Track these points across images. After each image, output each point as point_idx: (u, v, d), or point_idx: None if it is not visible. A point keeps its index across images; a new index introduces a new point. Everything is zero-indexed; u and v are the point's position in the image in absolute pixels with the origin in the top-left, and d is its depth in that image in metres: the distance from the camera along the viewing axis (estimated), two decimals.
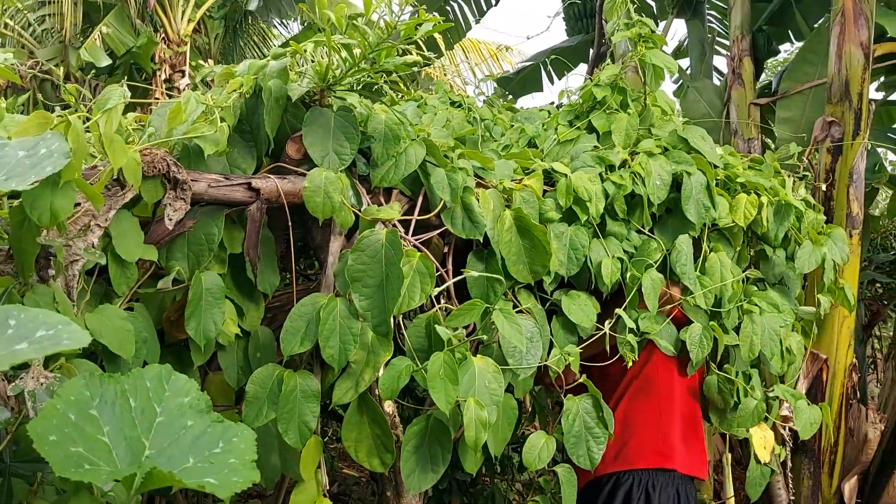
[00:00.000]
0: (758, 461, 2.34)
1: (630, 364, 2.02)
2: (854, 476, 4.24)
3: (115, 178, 1.52)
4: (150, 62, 7.66)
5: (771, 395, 2.35)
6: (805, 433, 2.34)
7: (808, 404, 2.36)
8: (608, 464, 2.21)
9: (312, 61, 1.90)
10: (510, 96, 7.27)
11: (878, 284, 5.94)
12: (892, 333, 5.79)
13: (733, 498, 4.50)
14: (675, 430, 2.26)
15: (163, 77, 7.91)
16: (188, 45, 7.91)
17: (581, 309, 2.04)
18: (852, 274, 4.09)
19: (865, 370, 5.69)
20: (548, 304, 2.04)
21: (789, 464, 4.19)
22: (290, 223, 1.78)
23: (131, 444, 1.03)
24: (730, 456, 4.84)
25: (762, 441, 2.27)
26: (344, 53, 1.81)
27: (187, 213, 1.67)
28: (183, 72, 7.95)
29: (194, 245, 1.72)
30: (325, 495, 1.76)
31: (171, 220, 1.58)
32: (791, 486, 4.15)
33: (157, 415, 1.08)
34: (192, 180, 1.62)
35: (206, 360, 1.78)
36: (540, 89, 7.45)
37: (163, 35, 7.81)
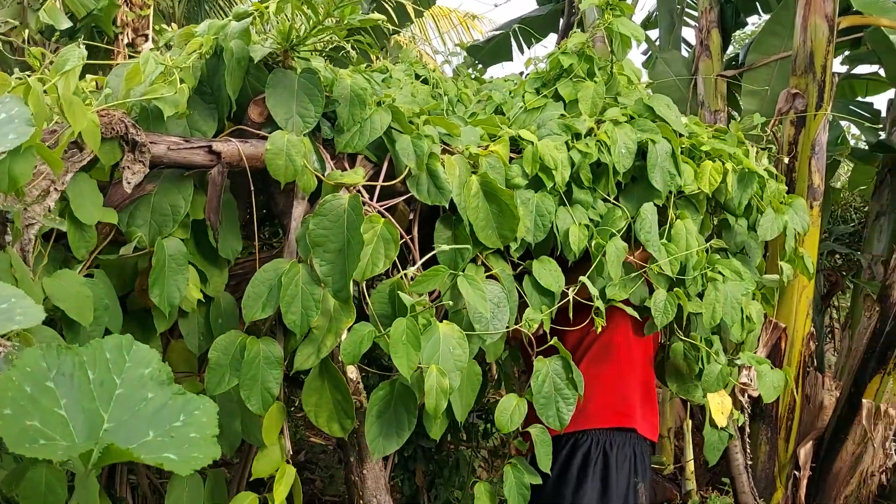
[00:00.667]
0: (714, 426, 2.39)
1: (599, 329, 2.05)
2: (809, 441, 4.36)
3: (73, 140, 1.48)
4: (112, 25, 7.44)
5: (738, 362, 2.40)
6: (768, 397, 2.39)
7: (771, 368, 2.40)
8: (568, 424, 2.25)
9: (276, 22, 1.86)
10: (479, 65, 7.22)
11: (837, 256, 6.06)
12: (849, 304, 5.93)
13: (692, 461, 4.61)
14: (634, 393, 2.33)
15: (125, 41, 7.71)
16: (151, 7, 7.71)
17: (551, 275, 2.06)
18: (812, 244, 4.17)
19: (823, 339, 5.83)
20: (518, 269, 2.05)
21: (747, 429, 4.30)
22: (251, 187, 1.75)
23: (89, 416, 1.01)
24: (690, 422, 4.95)
25: (719, 406, 2.32)
26: (308, 10, 1.77)
27: (149, 177, 1.64)
28: (146, 35, 7.74)
29: (158, 214, 1.68)
30: (288, 461, 1.76)
31: (129, 183, 1.54)
32: (749, 450, 4.27)
33: (117, 386, 1.06)
34: (150, 143, 1.58)
35: (169, 328, 1.76)
36: (510, 58, 7.40)
37: None
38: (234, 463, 3.85)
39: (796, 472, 4.33)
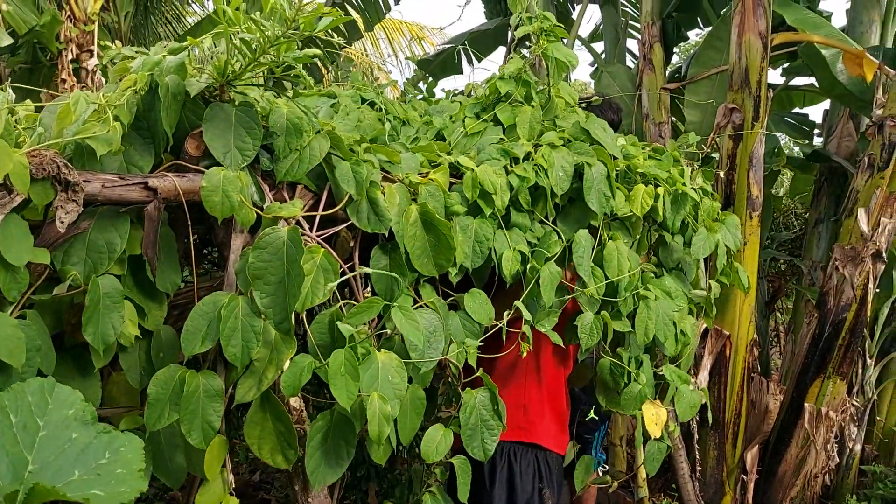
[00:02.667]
0: (647, 437, 2.47)
1: (524, 354, 2.10)
2: (756, 445, 4.48)
3: (1, 182, 1.47)
4: (56, 41, 7.31)
5: (660, 374, 2.48)
6: (684, 416, 2.48)
7: (691, 388, 2.49)
8: None
9: (212, 57, 1.87)
10: (430, 78, 7.28)
11: (780, 261, 6.24)
12: (792, 308, 6.10)
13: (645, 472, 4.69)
14: (535, 407, 2.49)
15: (69, 56, 7.57)
16: (96, 23, 7.58)
17: (481, 307, 2.10)
18: (752, 254, 4.30)
19: (768, 344, 5.99)
20: (449, 299, 2.09)
21: (695, 435, 4.41)
22: (189, 222, 1.76)
23: (13, 459, 1.02)
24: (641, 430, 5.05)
25: (653, 417, 2.39)
26: (243, 48, 1.79)
27: (84, 214, 1.64)
28: (91, 51, 7.61)
29: (93, 251, 1.67)
30: (231, 493, 1.77)
31: (63, 222, 1.54)
32: (698, 456, 4.37)
33: (41, 429, 1.07)
34: (84, 181, 1.58)
35: (109, 361, 1.76)
36: (460, 72, 7.48)
37: (68, 13, 7.46)
38: (178, 501, 3.81)
39: (744, 476, 4.45)
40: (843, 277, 4.15)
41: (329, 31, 1.84)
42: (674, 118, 5.54)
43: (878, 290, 4.29)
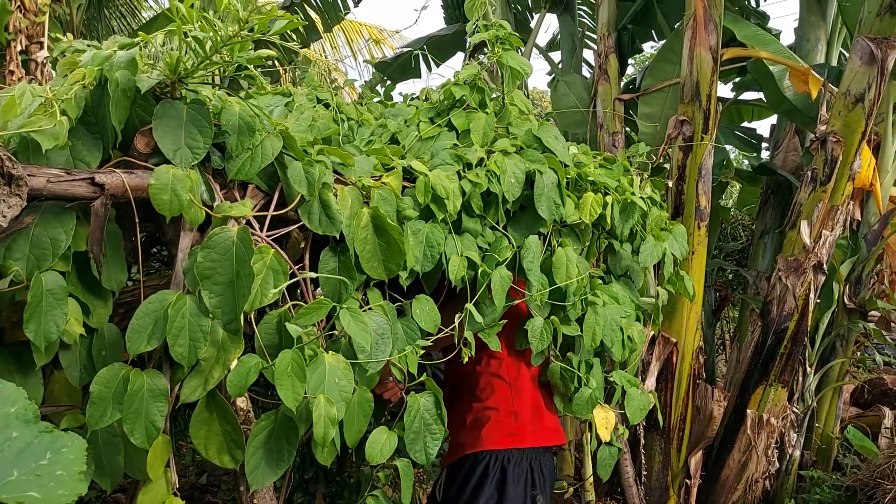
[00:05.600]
0: (599, 441, 2.51)
1: (465, 360, 2.12)
2: (700, 450, 4.59)
3: None
4: (4, 32, 7.14)
5: (610, 379, 2.53)
6: (634, 418, 2.54)
7: (640, 391, 2.54)
8: (467, 447, 2.40)
9: (165, 53, 1.85)
10: (388, 81, 7.28)
11: (727, 271, 6.39)
12: (738, 317, 6.25)
13: (592, 473, 4.76)
14: (525, 412, 2.47)
15: (18, 48, 7.39)
16: (47, 14, 7.42)
17: (428, 314, 2.11)
18: (700, 263, 4.41)
19: (714, 352, 6.13)
20: (396, 305, 2.10)
21: (642, 440, 4.49)
22: (136, 220, 1.74)
23: None
24: (590, 435, 5.13)
25: (604, 422, 2.44)
26: (195, 46, 1.78)
27: (28, 209, 1.61)
28: (41, 43, 7.44)
29: (37, 248, 1.64)
30: (175, 494, 1.75)
31: (5, 217, 1.51)
32: (644, 460, 4.45)
33: None
34: (28, 175, 1.55)
35: (51, 359, 1.73)
36: (418, 76, 7.50)
37: (18, 3, 7.28)
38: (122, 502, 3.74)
39: (688, 481, 4.55)
40: (786, 287, 4.27)
41: (287, 31, 1.84)
42: (628, 129, 5.64)
43: (818, 301, 4.42)
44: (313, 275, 1.76)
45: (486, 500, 2.41)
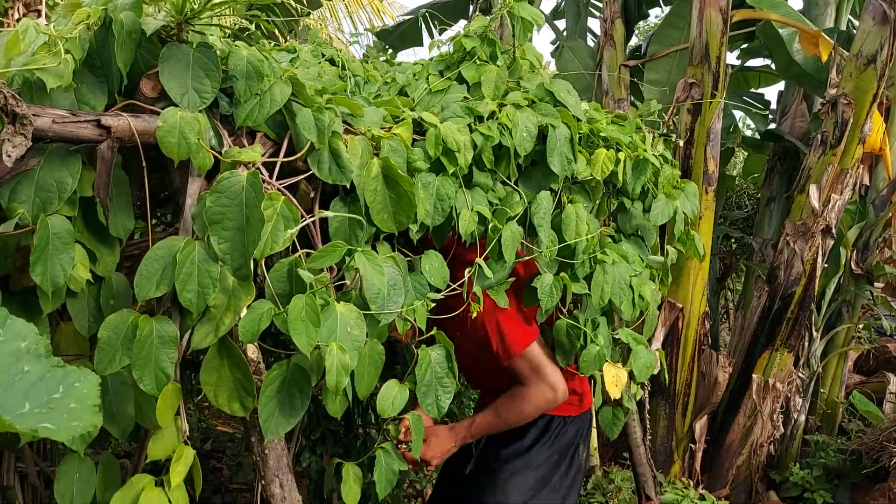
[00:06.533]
0: (606, 400, 2.49)
1: (474, 314, 2.08)
2: (704, 415, 4.59)
3: None
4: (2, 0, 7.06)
5: (616, 337, 2.49)
6: (641, 376, 2.51)
7: (647, 349, 2.52)
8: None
9: None
10: (390, 50, 7.20)
11: (732, 240, 6.36)
12: (742, 286, 6.23)
13: (596, 438, 4.77)
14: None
15: (16, 16, 7.32)
16: None
17: (437, 270, 2.08)
18: (707, 228, 4.38)
19: (718, 319, 6.12)
20: (406, 259, 2.07)
21: (647, 405, 4.48)
22: (144, 164, 1.70)
23: None
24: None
25: (614, 379, 2.41)
26: None
27: (33, 151, 1.57)
28: (38, 11, 7.37)
29: (42, 190, 1.60)
30: (186, 443, 1.73)
31: (10, 157, 1.47)
32: (648, 425, 4.45)
33: None
34: (33, 115, 1.51)
35: (57, 309, 1.70)
36: (420, 44, 7.41)
37: None
38: (132, 454, 3.74)
39: (692, 445, 4.55)
40: (794, 252, 4.25)
41: None
42: (633, 97, 5.58)
43: (826, 266, 4.40)
44: (327, 213, 1.72)
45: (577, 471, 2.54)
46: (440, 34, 7.42)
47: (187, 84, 1.72)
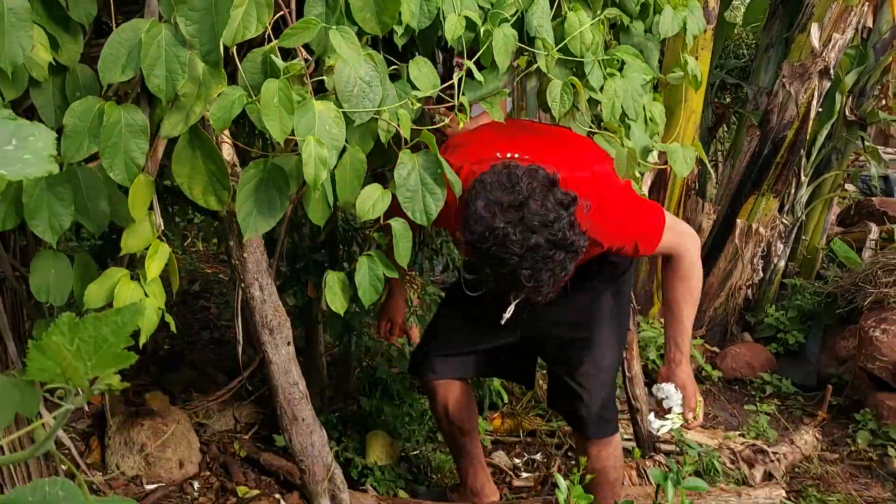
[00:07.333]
0: None
1: (461, 125, 2.00)
2: None
3: None
4: None
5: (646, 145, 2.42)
6: (681, 172, 2.44)
7: (682, 146, 2.46)
8: None
9: None
10: None
11: (726, 92, 6.23)
12: (733, 138, 6.16)
13: None
14: None
15: None
16: None
17: (425, 76, 1.97)
18: (703, 68, 4.24)
19: (707, 169, 6.08)
20: (391, 68, 1.96)
21: None
22: None
23: None
24: None
25: None
26: None
27: None
28: None
29: None
30: (161, 239, 1.70)
31: None
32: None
33: None
34: None
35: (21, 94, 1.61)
36: None
37: None
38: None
39: None
40: (789, 94, 4.15)
41: None
42: None
43: (820, 111, 4.32)
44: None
45: None
46: None
47: None
